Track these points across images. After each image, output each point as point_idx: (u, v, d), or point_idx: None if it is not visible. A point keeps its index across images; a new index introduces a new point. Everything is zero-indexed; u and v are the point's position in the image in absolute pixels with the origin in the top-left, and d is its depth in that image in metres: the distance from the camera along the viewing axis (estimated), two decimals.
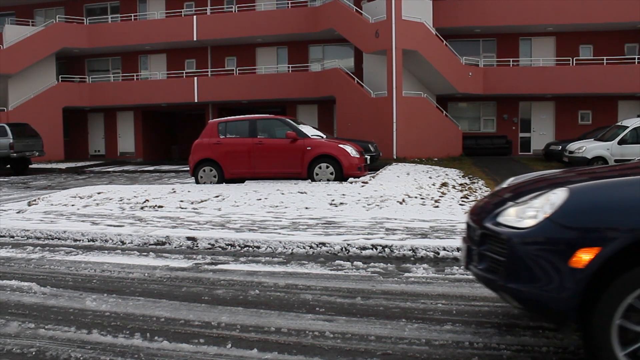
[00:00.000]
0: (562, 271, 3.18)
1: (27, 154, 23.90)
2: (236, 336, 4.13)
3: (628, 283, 3.08)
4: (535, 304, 3.37)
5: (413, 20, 25.60)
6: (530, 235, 3.31)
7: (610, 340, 3.09)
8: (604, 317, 3.09)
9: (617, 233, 3.10)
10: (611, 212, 3.17)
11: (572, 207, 3.25)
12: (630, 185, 3.30)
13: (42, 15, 34.71)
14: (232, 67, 32.06)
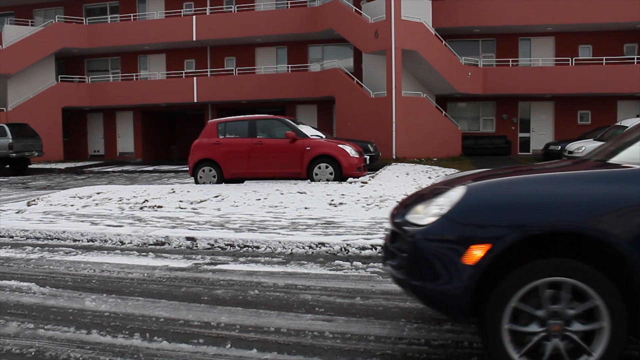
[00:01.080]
0: (456, 267, 3.22)
1: (27, 154, 23.89)
2: (235, 336, 4.13)
3: (510, 286, 3.13)
4: (434, 300, 3.41)
5: (412, 20, 25.61)
6: (428, 232, 3.35)
7: (504, 345, 3.15)
8: (494, 323, 3.15)
9: (506, 230, 3.15)
10: (501, 210, 3.23)
11: (466, 204, 3.30)
12: (520, 184, 3.39)
13: (41, 15, 34.69)
14: (232, 67, 32.06)
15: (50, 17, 33.78)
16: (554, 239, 3.29)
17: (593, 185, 3.21)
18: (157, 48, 32.95)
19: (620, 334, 3.10)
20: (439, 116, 26.65)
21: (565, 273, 3.11)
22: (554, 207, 3.15)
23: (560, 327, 3.13)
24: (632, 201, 3.11)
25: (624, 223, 3.09)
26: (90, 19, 33.43)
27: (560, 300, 3.14)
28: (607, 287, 3.09)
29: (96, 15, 33.88)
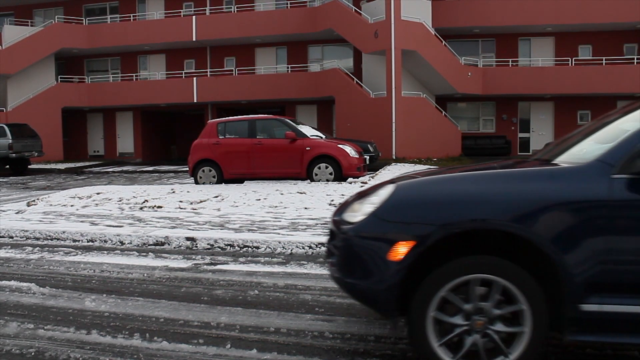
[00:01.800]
0: (383, 264, 3.28)
1: (26, 154, 23.89)
2: (235, 336, 4.13)
3: (440, 277, 3.19)
4: (365, 297, 3.48)
5: (412, 20, 25.62)
6: (358, 230, 3.41)
7: (426, 331, 3.21)
8: (420, 310, 3.21)
9: (430, 228, 3.20)
10: (424, 208, 3.28)
11: (393, 202, 3.36)
12: (445, 182, 3.46)
13: (41, 15, 34.70)
14: (232, 68, 32.07)
15: (50, 17, 33.78)
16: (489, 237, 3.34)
17: (517, 184, 3.24)
18: (157, 48, 32.96)
19: (539, 338, 3.15)
20: (438, 116, 26.66)
21: (495, 272, 3.16)
22: (474, 205, 3.21)
23: (483, 323, 3.19)
24: (554, 199, 3.15)
25: (547, 221, 3.12)
26: (90, 19, 33.43)
27: (488, 298, 3.20)
28: (534, 290, 3.14)
29: (96, 16, 33.88)
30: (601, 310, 3.10)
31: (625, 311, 3.10)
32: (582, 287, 3.10)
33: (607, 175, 3.14)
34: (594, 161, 3.21)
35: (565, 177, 3.22)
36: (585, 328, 3.15)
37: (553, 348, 3.83)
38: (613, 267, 3.10)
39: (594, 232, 3.10)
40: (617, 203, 3.09)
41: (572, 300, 3.11)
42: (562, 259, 3.09)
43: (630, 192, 3.10)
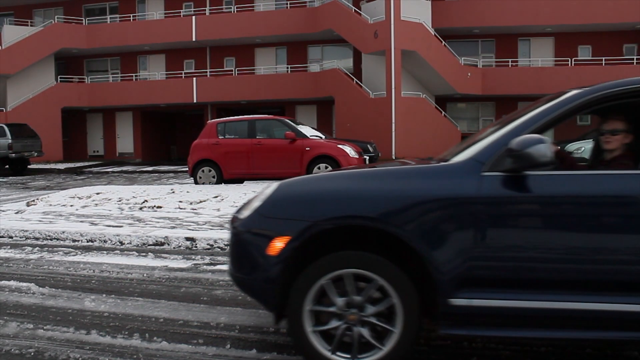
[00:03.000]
0: (263, 258, 3.40)
1: (26, 154, 23.90)
2: (235, 336, 4.13)
3: (314, 272, 3.29)
4: (250, 290, 3.61)
5: (412, 20, 25.63)
6: (242, 225, 3.58)
7: (303, 324, 3.33)
8: (296, 303, 3.33)
9: (304, 223, 3.31)
10: (300, 204, 3.40)
11: (273, 199, 3.50)
12: (323, 180, 3.57)
13: (41, 15, 34.70)
14: (231, 68, 32.07)
15: (49, 17, 33.78)
16: (366, 233, 3.43)
17: (390, 181, 3.34)
18: (157, 48, 32.96)
19: (411, 331, 3.24)
20: (438, 116, 26.66)
21: (366, 267, 3.26)
22: (345, 202, 3.31)
23: (356, 317, 3.30)
24: (424, 196, 3.23)
25: (415, 218, 3.21)
26: (90, 19, 33.43)
27: (361, 291, 3.30)
28: (405, 285, 3.23)
29: (95, 16, 33.88)
30: (470, 305, 3.18)
31: (494, 305, 3.18)
32: (451, 282, 3.18)
33: (477, 173, 3.22)
34: (467, 159, 3.31)
35: (438, 175, 3.31)
36: (456, 322, 3.24)
37: (553, 349, 3.84)
38: (481, 262, 3.18)
39: (462, 228, 3.17)
40: (485, 200, 3.18)
41: (442, 295, 3.19)
42: (431, 254, 3.17)
43: (497, 188, 3.19)
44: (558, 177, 3.25)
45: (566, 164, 3.82)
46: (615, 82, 3.43)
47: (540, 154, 3.07)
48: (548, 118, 3.34)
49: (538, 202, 3.23)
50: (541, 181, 3.20)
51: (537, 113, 3.38)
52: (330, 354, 3.31)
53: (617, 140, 3.85)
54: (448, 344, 3.94)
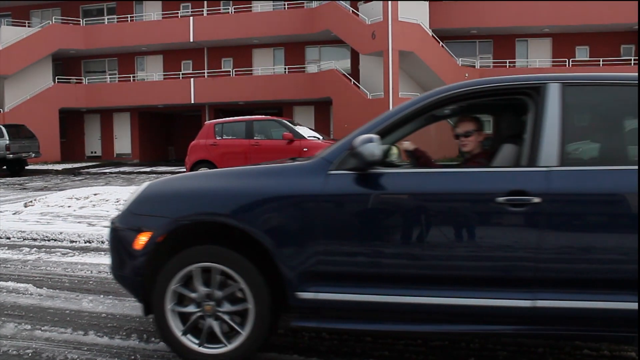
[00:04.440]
0: (130, 253, 3.60)
1: (24, 155, 23.87)
2: None
3: (174, 266, 3.48)
4: (124, 283, 3.77)
5: (409, 21, 25.64)
6: (115, 222, 3.80)
7: (166, 318, 3.52)
8: (159, 297, 3.50)
9: (164, 220, 3.51)
10: (162, 202, 3.60)
11: (141, 197, 3.70)
12: (186, 179, 3.75)
13: (38, 16, 34.65)
14: (229, 68, 32.06)
15: (47, 18, 33.73)
16: (221, 229, 3.57)
17: (246, 179, 3.53)
18: (154, 49, 32.93)
19: (263, 324, 3.39)
20: None
21: (220, 261, 3.42)
22: (201, 200, 3.49)
23: (212, 307, 3.47)
24: (273, 194, 3.39)
25: (264, 215, 3.36)
26: (87, 20, 33.39)
27: (212, 284, 3.47)
28: (255, 279, 3.38)
29: (93, 17, 33.83)
30: (317, 298, 3.33)
31: (340, 299, 3.31)
32: (299, 276, 3.32)
33: (324, 172, 3.37)
34: (318, 159, 3.48)
35: (289, 174, 3.48)
36: (305, 315, 3.41)
37: (550, 349, 3.85)
38: (326, 257, 3.32)
39: (308, 224, 3.31)
40: (329, 197, 3.33)
41: (290, 288, 3.34)
42: (278, 250, 3.32)
43: (341, 186, 3.33)
44: (399, 175, 3.40)
45: (421, 162, 4.07)
46: (460, 83, 3.58)
47: (369, 152, 3.19)
48: (393, 119, 3.49)
49: (379, 200, 3.35)
50: (383, 179, 3.33)
51: (385, 115, 3.53)
52: (181, 334, 3.51)
53: (472, 141, 4.02)
54: (446, 345, 3.95)
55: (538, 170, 3.21)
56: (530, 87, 3.43)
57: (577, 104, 3.41)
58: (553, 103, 3.31)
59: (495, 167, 3.59)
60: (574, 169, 3.22)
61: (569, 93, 3.34)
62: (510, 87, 3.57)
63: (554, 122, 3.27)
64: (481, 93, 3.59)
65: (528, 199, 3.14)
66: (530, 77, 3.50)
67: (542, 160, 3.22)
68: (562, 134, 3.25)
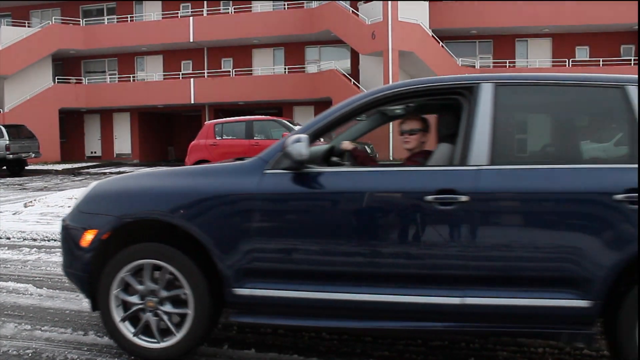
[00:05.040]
0: (78, 250, 3.69)
1: (23, 155, 23.85)
2: (232, 337, 4.13)
3: (117, 262, 3.58)
4: (73, 280, 3.84)
5: (409, 21, 25.64)
6: (65, 220, 3.88)
7: (110, 309, 3.61)
8: (103, 290, 3.61)
9: (108, 218, 3.62)
10: (107, 201, 3.70)
11: (89, 196, 3.80)
12: (132, 178, 3.82)
13: (38, 16, 34.65)
14: (229, 69, 32.06)
15: (47, 18, 33.73)
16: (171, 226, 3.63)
17: (186, 179, 3.61)
18: (154, 49, 32.93)
19: (202, 319, 3.47)
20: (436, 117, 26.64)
21: (161, 257, 3.52)
22: (143, 198, 3.60)
23: (154, 304, 3.57)
24: (211, 193, 3.47)
25: (202, 213, 3.45)
26: (87, 20, 33.39)
27: (157, 280, 3.57)
28: (195, 275, 3.46)
29: (93, 17, 33.83)
30: (253, 295, 3.41)
31: (275, 295, 3.39)
32: (235, 273, 3.41)
33: (260, 171, 3.47)
34: (256, 158, 3.56)
35: (227, 173, 3.55)
36: (242, 310, 3.50)
37: (550, 349, 3.85)
38: (262, 254, 3.40)
39: (244, 222, 3.40)
40: (263, 196, 3.41)
41: (227, 284, 3.43)
42: (216, 247, 3.41)
43: (275, 185, 3.41)
44: (331, 174, 3.46)
45: (359, 161, 4.08)
46: (397, 83, 3.63)
47: (297, 152, 3.29)
48: (329, 119, 3.55)
49: (310, 198, 3.43)
50: (315, 178, 3.40)
51: (321, 115, 3.61)
52: (133, 336, 3.60)
53: (415, 140, 4.07)
54: (446, 345, 3.95)
55: (467, 169, 3.25)
56: (464, 87, 3.47)
57: (510, 104, 3.47)
58: (485, 103, 3.36)
59: (426, 166, 3.68)
60: (503, 167, 3.25)
61: (501, 93, 3.39)
62: (445, 87, 3.61)
63: (485, 121, 3.32)
64: (417, 93, 3.64)
65: (456, 197, 3.18)
66: (464, 77, 3.56)
67: (473, 160, 3.26)
68: (493, 134, 3.29)
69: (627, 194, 3.06)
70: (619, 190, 3.07)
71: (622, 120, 3.32)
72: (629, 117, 3.25)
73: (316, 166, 3.48)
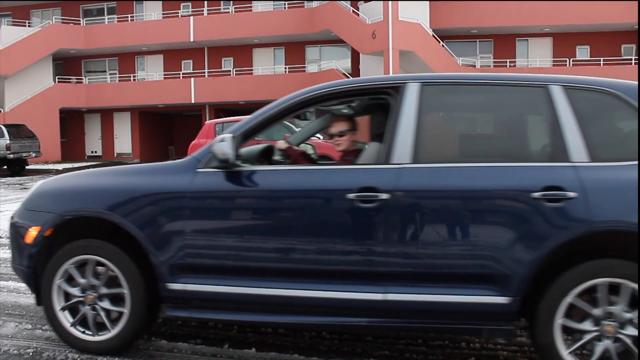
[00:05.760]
0: (23, 246, 3.81)
1: (24, 155, 23.85)
2: (233, 336, 4.14)
3: (60, 257, 3.70)
4: (21, 276, 3.94)
5: (410, 21, 25.63)
6: (12, 217, 4.01)
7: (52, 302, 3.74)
8: (46, 283, 3.73)
9: (50, 215, 3.73)
10: (50, 199, 3.82)
11: (34, 194, 3.93)
12: (73, 177, 3.93)
13: (38, 16, 34.65)
14: (229, 68, 32.06)
15: (47, 18, 33.73)
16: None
17: (123, 178, 3.74)
18: (155, 49, 32.92)
19: (138, 312, 3.60)
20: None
21: (99, 253, 3.64)
22: (81, 196, 3.73)
23: (93, 298, 3.69)
24: (143, 190, 3.59)
25: (135, 210, 3.57)
26: (88, 20, 33.40)
27: (99, 276, 3.69)
28: (131, 270, 3.59)
29: (93, 16, 33.84)
30: (185, 289, 3.52)
31: (206, 290, 3.50)
32: (169, 268, 3.52)
33: (193, 170, 3.57)
34: (190, 157, 3.66)
35: (162, 171, 3.67)
36: (176, 305, 3.61)
37: None
38: (193, 250, 3.51)
39: (176, 219, 3.52)
40: (194, 194, 3.51)
41: (161, 279, 3.55)
42: (149, 243, 3.52)
43: (205, 183, 3.52)
44: (259, 173, 3.56)
45: (292, 160, 4.22)
46: (326, 83, 3.69)
47: (220, 151, 3.37)
48: (258, 120, 3.71)
49: (239, 196, 3.55)
50: (243, 176, 3.51)
51: (251, 116, 3.76)
52: (70, 326, 3.73)
53: (345, 140, 4.13)
54: (446, 344, 3.95)
55: (390, 168, 3.33)
56: (392, 87, 3.53)
57: (435, 104, 3.54)
58: (410, 102, 3.42)
59: (350, 164, 3.77)
60: (425, 166, 3.31)
61: (426, 93, 3.44)
62: (374, 87, 3.66)
63: (410, 120, 3.38)
64: (346, 93, 3.69)
65: (376, 195, 3.25)
66: (392, 77, 3.65)
67: (396, 158, 3.33)
68: (416, 133, 3.35)
69: (544, 191, 3.12)
70: (537, 188, 3.13)
71: (544, 119, 3.40)
72: (551, 117, 3.31)
73: (249, 165, 3.60)
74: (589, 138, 3.22)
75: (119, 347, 3.67)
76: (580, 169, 3.16)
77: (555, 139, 3.27)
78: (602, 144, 3.26)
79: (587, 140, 3.21)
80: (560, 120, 3.27)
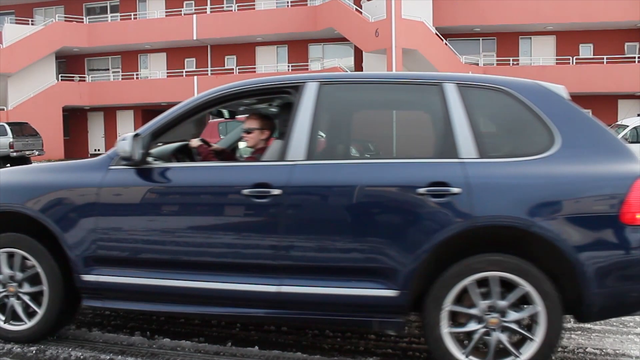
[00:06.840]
0: None
1: (27, 153, 23.91)
2: (235, 334, 4.14)
3: None
4: None
5: (413, 19, 25.61)
6: None
7: None
8: None
9: None
10: None
11: None
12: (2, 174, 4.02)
13: (41, 14, 34.70)
14: (232, 66, 32.08)
15: (50, 16, 33.78)
16: None
17: (43, 174, 3.87)
18: (158, 47, 32.95)
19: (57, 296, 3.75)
20: None
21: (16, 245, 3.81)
22: (5, 192, 3.84)
23: (14, 289, 3.85)
24: (60, 186, 3.74)
25: (52, 205, 3.72)
26: (91, 18, 33.43)
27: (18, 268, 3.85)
28: (48, 260, 3.74)
29: (96, 14, 33.88)
30: (98, 281, 3.68)
31: (117, 281, 3.65)
32: (83, 260, 3.68)
33: (106, 167, 3.72)
34: (104, 155, 3.81)
35: (78, 168, 3.84)
36: (92, 295, 3.76)
37: None
38: (105, 243, 3.67)
39: (88, 213, 3.67)
40: (105, 190, 3.66)
41: (76, 271, 3.70)
42: (64, 236, 3.68)
43: (116, 180, 3.66)
44: (165, 170, 3.65)
45: (202, 157, 4.28)
46: (232, 83, 3.81)
47: (121, 149, 3.50)
48: (168, 119, 3.74)
49: (144, 191, 3.64)
50: (149, 173, 3.62)
51: (160, 115, 3.77)
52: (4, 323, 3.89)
53: (252, 138, 4.21)
54: None
55: (284, 164, 3.47)
56: (292, 86, 3.66)
57: (332, 102, 3.67)
58: (307, 101, 3.55)
59: (245, 161, 3.98)
60: (317, 162, 3.46)
61: (324, 92, 3.56)
62: (276, 86, 3.77)
63: (306, 119, 3.53)
64: (251, 92, 3.81)
65: (268, 191, 3.38)
66: (293, 76, 3.75)
67: (291, 155, 3.48)
68: (311, 130, 3.51)
69: (430, 187, 3.19)
70: (423, 184, 3.21)
71: (437, 117, 3.47)
72: (443, 114, 3.38)
73: (161, 162, 3.73)
74: (478, 135, 3.30)
75: (42, 333, 3.85)
76: (468, 165, 3.23)
77: (446, 136, 3.34)
78: (492, 141, 3.38)
79: (476, 137, 3.29)
80: (451, 118, 3.34)
